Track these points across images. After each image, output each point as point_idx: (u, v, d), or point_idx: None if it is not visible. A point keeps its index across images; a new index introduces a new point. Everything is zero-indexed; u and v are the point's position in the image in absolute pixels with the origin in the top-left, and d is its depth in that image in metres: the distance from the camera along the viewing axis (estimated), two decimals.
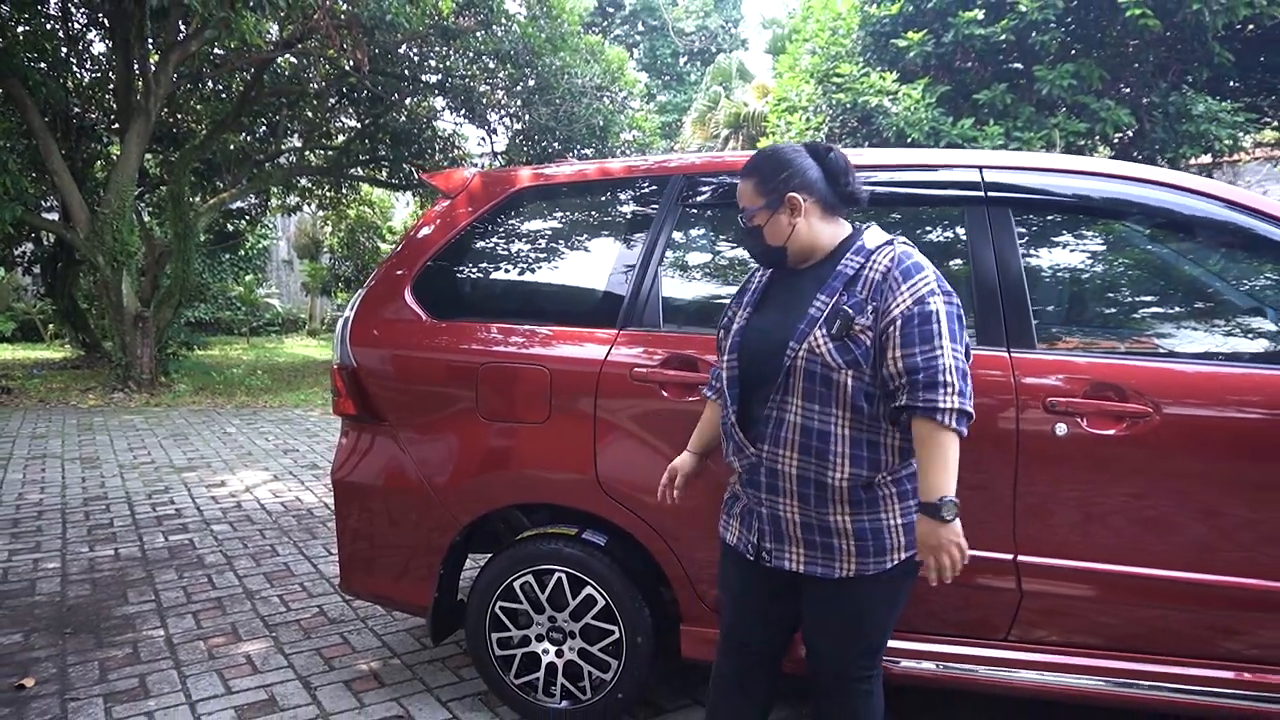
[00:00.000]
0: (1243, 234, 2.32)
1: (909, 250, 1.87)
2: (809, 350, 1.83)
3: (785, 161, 1.93)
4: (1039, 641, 2.34)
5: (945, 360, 1.73)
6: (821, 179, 1.93)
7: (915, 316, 1.76)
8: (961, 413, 1.73)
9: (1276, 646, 2.24)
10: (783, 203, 1.91)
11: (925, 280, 1.80)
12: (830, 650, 1.98)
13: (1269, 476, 2.17)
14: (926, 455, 1.76)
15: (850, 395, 1.81)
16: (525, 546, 2.62)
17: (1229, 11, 9.13)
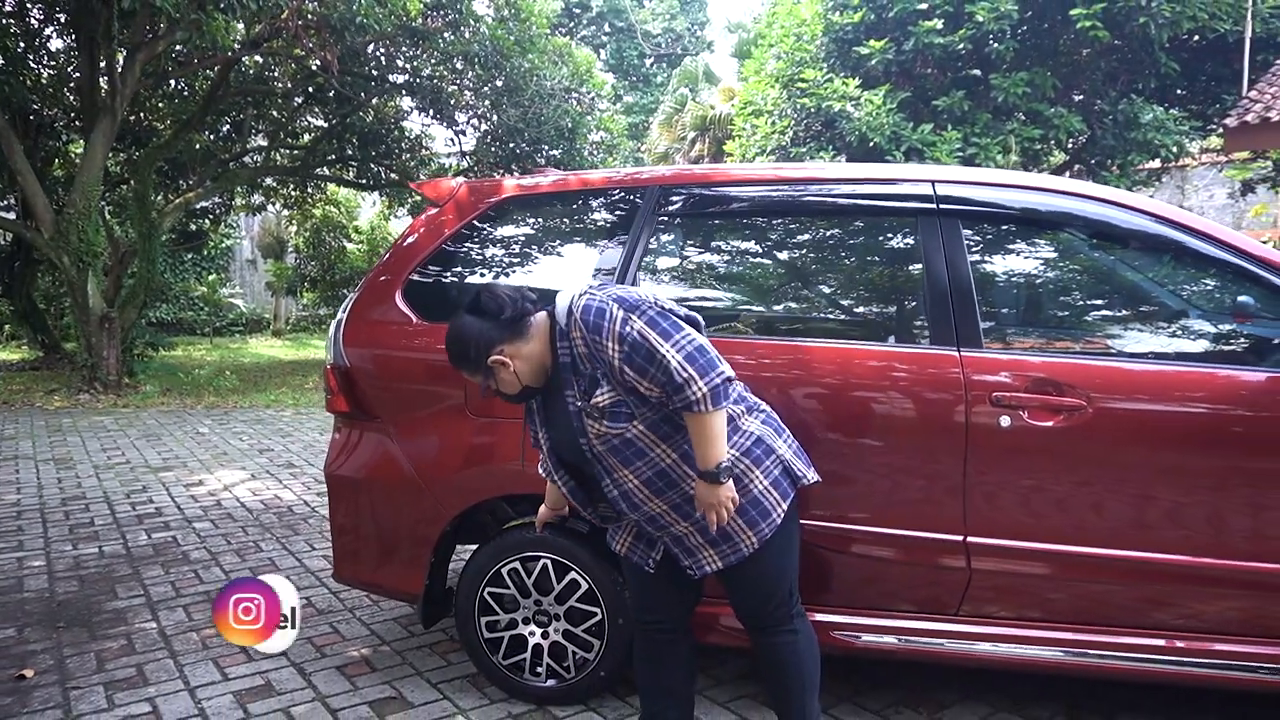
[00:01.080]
0: (1169, 245, 2.56)
1: (586, 303, 2.02)
2: (595, 435, 2.07)
3: (463, 340, 2.11)
4: (988, 616, 2.56)
5: (673, 362, 1.93)
6: (494, 328, 2.09)
7: (628, 353, 1.96)
8: (711, 392, 1.93)
9: (1204, 616, 2.47)
10: (492, 369, 2.11)
11: (611, 319, 1.98)
12: (753, 608, 2.23)
13: (1191, 463, 2.40)
14: (697, 437, 1.99)
15: (652, 433, 2.05)
16: (512, 535, 2.78)
17: (1174, 25, 9.53)
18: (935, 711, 2.75)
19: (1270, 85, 10.24)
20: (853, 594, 2.60)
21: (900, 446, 2.48)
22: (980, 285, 2.57)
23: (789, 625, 2.23)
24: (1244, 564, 2.40)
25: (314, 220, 20.10)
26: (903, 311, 2.71)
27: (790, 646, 2.22)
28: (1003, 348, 2.51)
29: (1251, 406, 2.37)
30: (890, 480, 2.50)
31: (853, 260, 2.87)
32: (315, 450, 7.14)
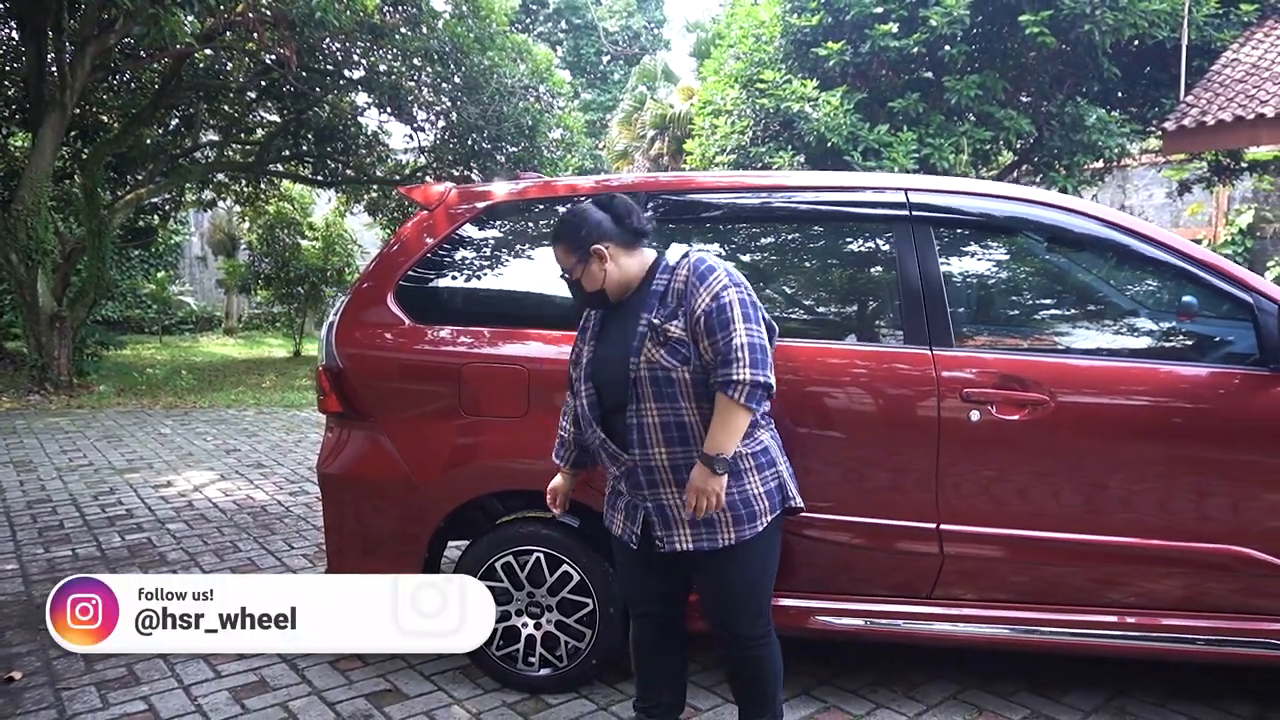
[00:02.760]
0: (1119, 248, 2.75)
1: (703, 257, 2.22)
2: (647, 361, 2.17)
3: (581, 220, 2.27)
4: (957, 598, 2.72)
5: (738, 339, 2.08)
6: (613, 225, 2.26)
7: (714, 310, 2.11)
8: (751, 385, 2.06)
9: (1152, 594, 2.67)
10: (590, 255, 2.24)
11: (718, 278, 2.15)
12: (724, 613, 2.30)
13: (1142, 452, 2.59)
14: (717, 420, 2.11)
15: (691, 387, 2.16)
16: (506, 530, 2.88)
17: (1116, 31, 9.89)
18: (909, 690, 2.91)
19: (1205, 91, 10.69)
20: (832, 580, 2.74)
21: (878, 441, 2.63)
22: (950, 287, 2.73)
23: (761, 639, 2.31)
24: (1188, 545, 2.60)
25: (267, 217, 19.75)
26: (879, 313, 2.86)
27: (760, 660, 2.32)
28: (972, 346, 2.68)
29: (1194, 400, 2.57)
30: (869, 472, 2.65)
31: (831, 264, 3.01)
32: (283, 450, 7.11)
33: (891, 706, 2.81)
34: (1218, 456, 2.59)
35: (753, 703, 2.37)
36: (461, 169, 14.56)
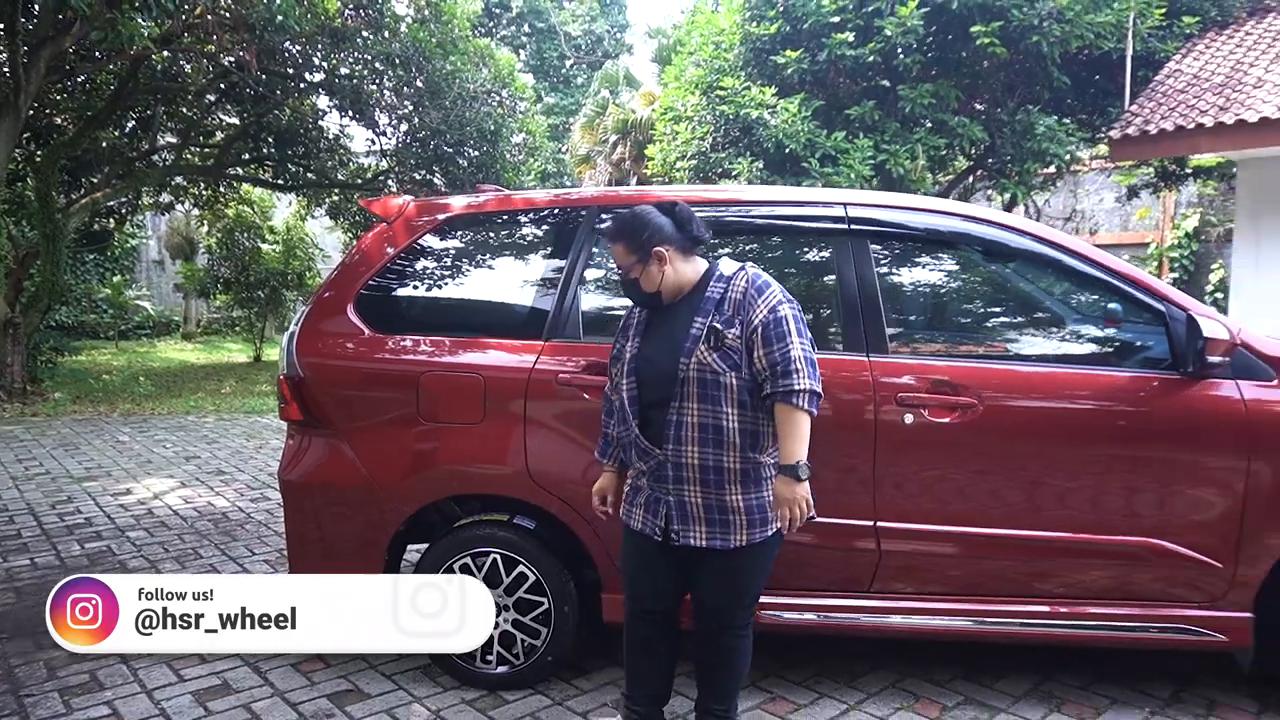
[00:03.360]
0: (1048, 261, 2.92)
1: (759, 272, 2.38)
2: (698, 362, 2.30)
3: (645, 222, 2.39)
4: (897, 592, 2.87)
5: (795, 352, 2.24)
6: (675, 230, 2.39)
7: (770, 322, 2.27)
8: (811, 392, 2.23)
9: (1080, 585, 2.83)
10: (651, 257, 2.37)
11: (774, 293, 2.32)
12: (720, 606, 2.44)
13: (1069, 452, 2.76)
14: (786, 430, 2.25)
15: (735, 393, 2.28)
16: (463, 532, 2.97)
17: (1063, 42, 10.21)
18: (850, 680, 3.05)
19: (1149, 101, 11.05)
20: (782, 577, 2.86)
21: (820, 443, 2.76)
22: (886, 297, 2.88)
23: (742, 632, 2.46)
24: (1110, 538, 2.77)
25: (227, 220, 19.55)
26: (819, 320, 3.00)
27: (739, 651, 2.46)
28: (906, 353, 2.83)
29: (1114, 402, 2.74)
30: (813, 474, 2.78)
31: (774, 274, 3.14)
32: (243, 457, 7.11)
33: (834, 696, 2.95)
34: (1135, 455, 2.77)
35: (717, 690, 2.49)
36: (424, 173, 14.56)
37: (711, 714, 2.50)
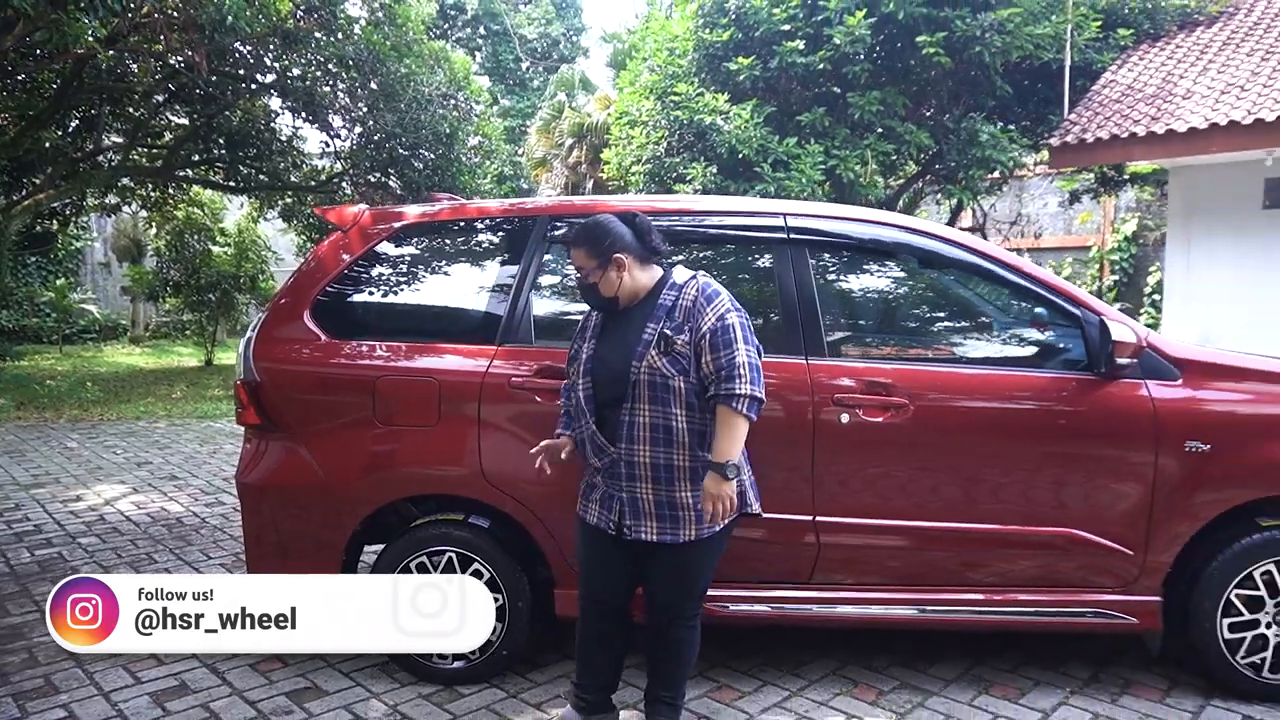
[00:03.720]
0: (976, 269, 3.09)
1: (709, 281, 2.52)
2: (649, 366, 2.42)
3: (606, 231, 2.52)
4: (837, 583, 3.02)
5: (740, 358, 2.37)
6: (634, 239, 2.52)
7: (718, 330, 2.40)
8: (752, 398, 2.35)
9: (1008, 573, 3.01)
10: (610, 263, 2.49)
11: (723, 302, 2.45)
12: (670, 598, 2.57)
13: (995, 449, 2.94)
14: (722, 431, 2.38)
15: (684, 396, 2.41)
16: (419, 532, 3.06)
17: (1005, 53, 10.54)
18: (793, 668, 3.20)
19: (1086, 110, 11.46)
20: (726, 570, 2.99)
21: (763, 442, 2.90)
22: (824, 303, 3.03)
23: (691, 622, 2.60)
24: (1034, 529, 2.95)
25: (176, 222, 19.22)
26: (762, 325, 3.13)
27: (687, 642, 2.60)
28: (842, 356, 2.98)
29: (1036, 401, 2.92)
30: (757, 472, 2.92)
31: (723, 280, 3.27)
32: (197, 462, 7.07)
33: (777, 683, 3.09)
34: (1055, 451, 2.95)
35: (666, 679, 2.62)
36: (379, 176, 14.49)
37: (660, 701, 2.63)
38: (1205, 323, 11.44)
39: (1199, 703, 2.96)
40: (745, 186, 10.72)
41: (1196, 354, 3.03)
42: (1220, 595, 2.89)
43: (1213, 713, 2.90)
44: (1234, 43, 11.45)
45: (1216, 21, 12.22)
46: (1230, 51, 11.25)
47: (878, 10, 10.46)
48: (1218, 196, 11.23)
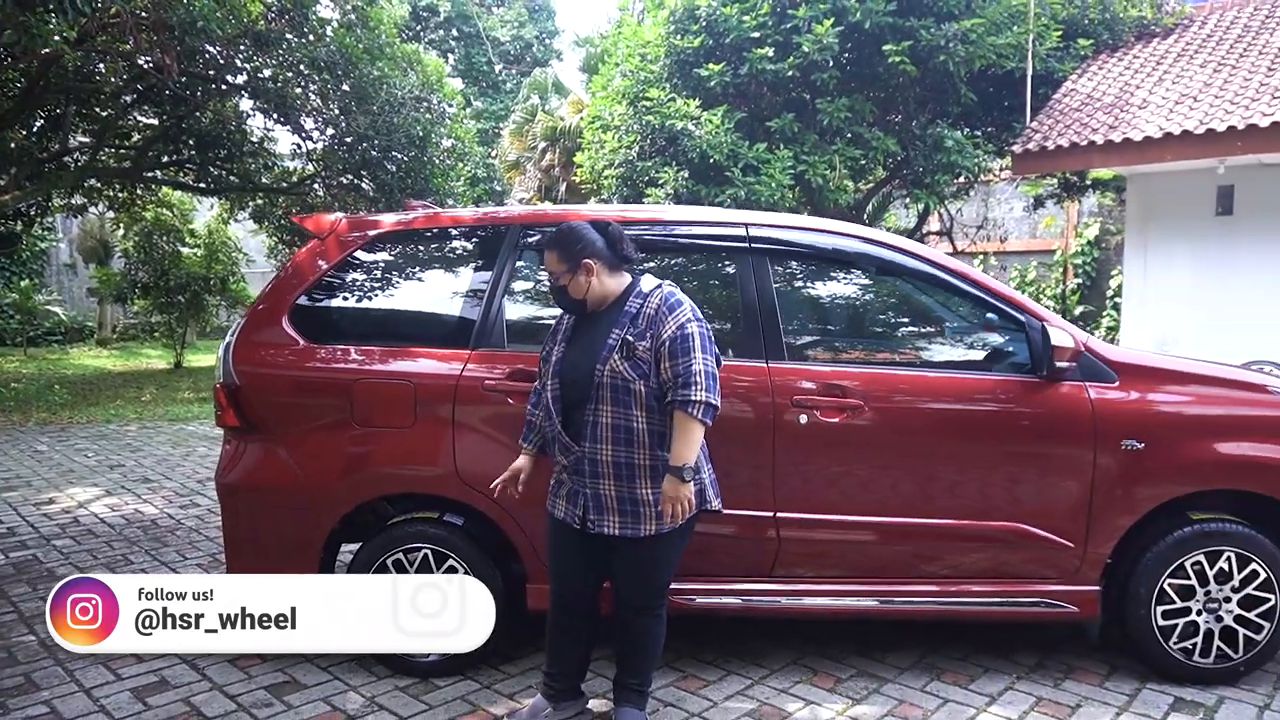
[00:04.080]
0: (929, 278, 3.25)
1: (673, 291, 2.65)
2: (611, 370, 2.55)
3: (578, 236, 2.65)
4: (797, 577, 3.16)
5: (697, 366, 2.49)
6: (605, 247, 2.65)
7: (678, 338, 2.52)
8: (706, 405, 2.48)
9: (961, 566, 3.17)
10: (580, 268, 2.61)
11: (684, 312, 2.58)
12: (633, 590, 2.71)
13: (942, 447, 3.10)
14: (678, 435, 2.51)
15: (645, 399, 2.54)
16: (396, 530, 3.16)
17: (968, 62, 10.81)
18: (755, 658, 3.34)
19: (1048, 118, 11.75)
20: (694, 564, 3.13)
21: (727, 442, 3.03)
22: (784, 309, 3.18)
23: (655, 613, 2.73)
24: (984, 523, 3.12)
25: (144, 223, 19.04)
26: (726, 331, 3.27)
27: (651, 633, 2.73)
28: (801, 360, 3.13)
29: (983, 402, 3.09)
30: (720, 470, 3.06)
31: (689, 288, 3.41)
32: (170, 465, 7.08)
33: (740, 672, 3.23)
34: (1003, 449, 3.12)
35: (633, 667, 2.75)
36: (351, 178, 14.49)
37: (628, 689, 2.76)
38: (1162, 326, 11.79)
39: (1135, 686, 3.14)
40: (716, 191, 10.89)
41: (1132, 358, 3.22)
42: (1155, 584, 3.08)
43: (1148, 695, 3.08)
44: (1188, 54, 11.80)
45: (1172, 33, 12.59)
46: (1185, 63, 11.60)
47: (845, 19, 10.67)
48: (1173, 204, 11.58)
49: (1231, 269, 11.13)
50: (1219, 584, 3.08)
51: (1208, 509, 3.16)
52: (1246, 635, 3.09)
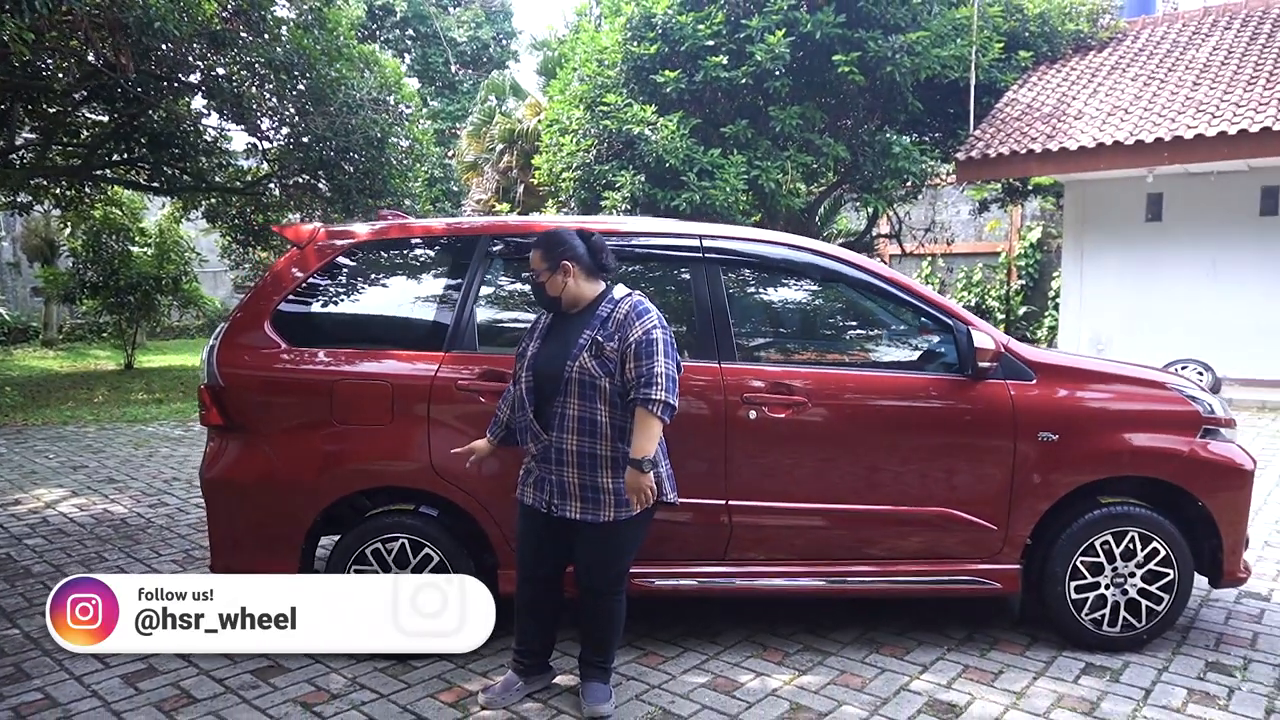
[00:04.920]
0: (867, 285, 3.55)
1: (643, 299, 2.91)
2: (580, 367, 2.80)
3: (561, 240, 2.91)
4: (749, 559, 3.44)
5: (659, 368, 2.75)
6: (586, 253, 2.90)
7: (643, 342, 2.78)
8: (665, 404, 2.74)
9: (899, 548, 3.47)
10: (559, 268, 2.85)
11: (650, 319, 2.83)
12: (594, 573, 2.95)
13: (879, 439, 3.39)
14: (639, 430, 2.76)
15: (609, 395, 2.79)
16: (374, 521, 3.37)
17: (914, 73, 11.22)
18: (713, 636, 3.61)
19: (990, 127, 12.26)
20: (654, 549, 3.38)
21: (683, 436, 3.30)
22: (735, 313, 3.45)
23: (616, 595, 2.97)
24: (916, 509, 3.42)
25: (92, 222, 18.74)
26: (683, 334, 3.53)
27: (613, 612, 2.98)
28: (751, 360, 3.41)
29: (916, 399, 3.40)
30: (678, 461, 3.32)
31: (650, 292, 3.66)
32: (134, 465, 7.14)
33: (696, 649, 3.50)
34: (934, 441, 3.43)
35: (596, 645, 3.00)
36: (308, 177, 14.48)
37: (591, 664, 3.01)
38: (1097, 325, 12.39)
39: (1053, 654, 3.48)
40: (672, 195, 11.17)
41: (1047, 358, 3.55)
42: (1069, 562, 3.41)
43: (1063, 661, 3.41)
44: (1121, 67, 12.40)
45: (1107, 46, 13.19)
46: (1118, 76, 12.19)
47: (796, 30, 11.02)
48: (1107, 210, 12.18)
49: (1160, 272, 11.75)
50: (1125, 561, 3.42)
51: (1116, 494, 3.50)
52: (1149, 607, 3.44)
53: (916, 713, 3.02)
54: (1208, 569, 3.54)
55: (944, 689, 3.19)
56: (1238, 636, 3.66)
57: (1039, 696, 3.14)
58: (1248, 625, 3.78)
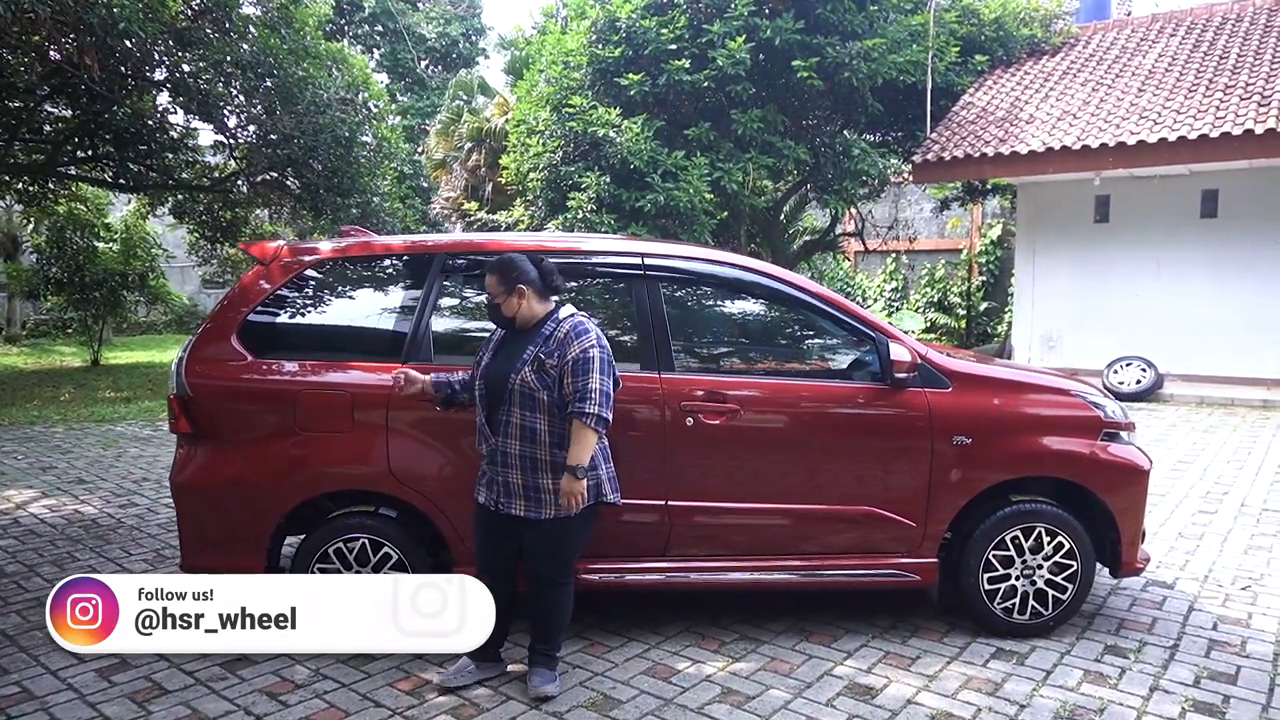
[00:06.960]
0: (795, 300, 3.82)
1: (584, 320, 3.16)
2: (522, 380, 3.06)
3: (516, 265, 3.15)
4: (688, 555, 3.69)
5: (594, 384, 3.00)
6: (538, 277, 3.13)
7: (580, 360, 3.03)
8: (599, 417, 2.99)
9: (833, 544, 3.73)
10: (514, 290, 3.09)
11: (589, 338, 3.09)
12: (541, 566, 3.21)
13: (809, 442, 3.66)
14: (574, 439, 3.02)
15: (548, 407, 3.05)
16: (336, 522, 3.58)
17: (871, 78, 11.52)
18: (654, 627, 3.87)
19: (945, 130, 12.61)
20: (598, 546, 3.62)
21: (626, 441, 3.54)
22: (673, 327, 3.70)
23: (561, 586, 3.22)
24: (843, 507, 3.70)
25: (56, 218, 18.60)
26: (626, 345, 3.77)
27: (558, 603, 3.23)
28: (688, 371, 3.66)
29: (842, 406, 3.67)
30: (620, 465, 3.56)
31: (593, 309, 3.91)
32: (103, 465, 7.26)
33: (639, 639, 3.75)
34: (858, 445, 3.71)
35: (543, 633, 3.26)
36: (276, 175, 14.52)
37: (539, 652, 3.26)
38: (1048, 323, 12.81)
39: (967, 640, 3.77)
40: (637, 196, 11.40)
41: (962, 367, 3.83)
42: (982, 555, 3.71)
43: (976, 647, 3.71)
44: (1072, 72, 12.79)
45: (1060, 51, 13.59)
46: (1069, 81, 12.58)
47: (757, 36, 11.28)
48: (1057, 211, 12.58)
49: (1108, 271, 12.18)
50: (1033, 554, 3.73)
51: (1025, 492, 3.81)
52: (1055, 596, 3.75)
53: (836, 695, 3.30)
54: (1108, 560, 3.86)
55: (864, 673, 3.48)
56: (1138, 622, 3.99)
57: (950, 679, 3.43)
58: (1149, 611, 4.11)
